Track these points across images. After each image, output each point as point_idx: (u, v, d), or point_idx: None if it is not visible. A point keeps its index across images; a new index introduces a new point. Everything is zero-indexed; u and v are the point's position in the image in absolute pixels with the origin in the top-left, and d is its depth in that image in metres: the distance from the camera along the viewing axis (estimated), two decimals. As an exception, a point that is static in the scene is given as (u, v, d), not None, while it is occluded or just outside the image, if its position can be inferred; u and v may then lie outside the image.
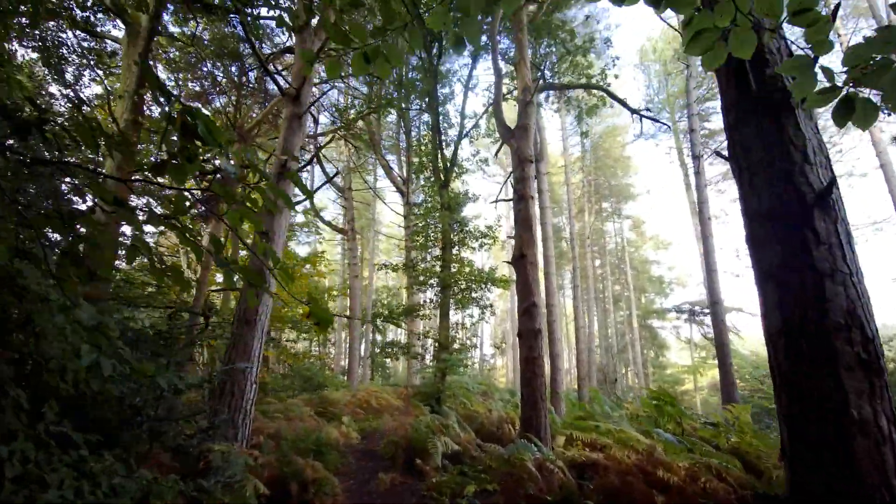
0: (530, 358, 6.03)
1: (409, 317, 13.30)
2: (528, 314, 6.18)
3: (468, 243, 12.69)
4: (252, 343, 5.83)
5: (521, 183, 6.68)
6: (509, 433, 7.81)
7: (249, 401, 5.70)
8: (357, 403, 12.65)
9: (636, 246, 31.81)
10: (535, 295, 6.26)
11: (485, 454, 5.37)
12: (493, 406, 9.44)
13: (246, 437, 5.65)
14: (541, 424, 5.77)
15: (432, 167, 13.47)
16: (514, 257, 6.53)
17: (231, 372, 5.63)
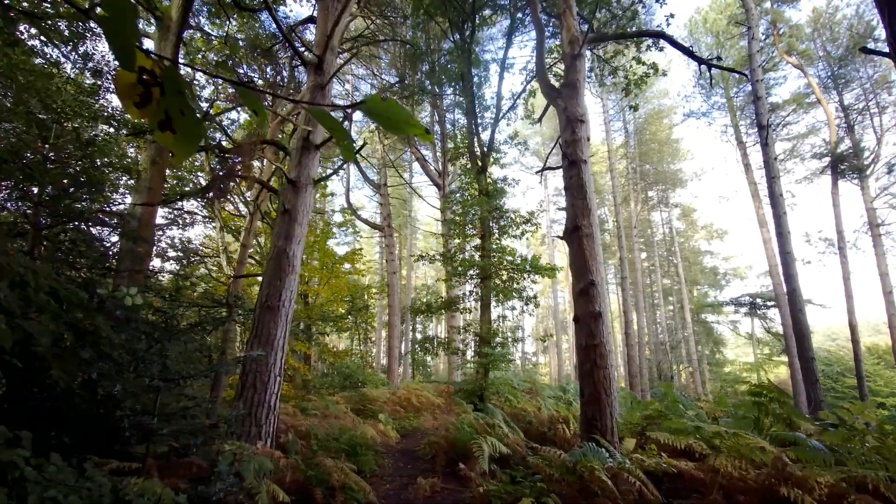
0: (590, 346, 5.04)
1: (448, 310, 12.50)
2: (586, 295, 5.20)
3: (509, 231, 11.74)
4: (275, 331, 5.18)
5: (572, 145, 5.70)
6: (564, 434, 6.81)
7: (273, 394, 5.05)
8: (397, 401, 12.02)
9: (686, 236, 29.55)
10: (594, 272, 5.27)
11: (540, 458, 4.45)
12: (542, 404, 8.46)
13: (270, 435, 5.00)
14: (607, 426, 4.77)
15: (468, 153, 12.62)
16: (567, 230, 5.56)
17: (252, 363, 5.00)
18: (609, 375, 5.01)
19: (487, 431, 6.86)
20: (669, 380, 18.87)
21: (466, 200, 11.75)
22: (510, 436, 6.11)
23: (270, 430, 4.97)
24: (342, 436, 6.87)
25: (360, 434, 7.32)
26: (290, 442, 5.40)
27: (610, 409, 4.89)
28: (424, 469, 6.89)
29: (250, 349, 5.09)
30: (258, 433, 4.82)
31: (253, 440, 4.76)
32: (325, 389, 15.97)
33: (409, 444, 9.05)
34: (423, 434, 9.72)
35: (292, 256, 5.47)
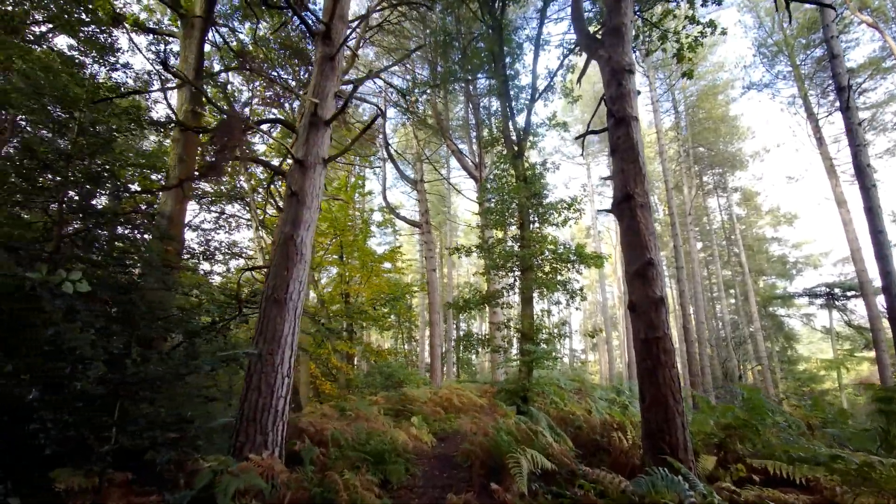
0: (651, 339, 4.02)
1: (488, 305, 11.59)
2: (643, 277, 4.17)
3: (549, 219, 10.67)
4: (281, 326, 4.55)
5: (619, 100, 4.68)
6: (620, 444, 5.73)
7: (281, 398, 4.41)
8: (438, 401, 11.30)
9: (749, 222, 26.73)
10: (652, 249, 4.23)
11: (592, 485, 3.49)
12: (593, 407, 7.39)
13: (279, 444, 4.36)
14: (677, 439, 3.73)
15: (503, 138, 11.66)
16: (616, 200, 4.55)
17: (257, 363, 4.39)
18: (676, 375, 3.96)
19: (529, 439, 5.92)
20: (738, 379, 16.87)
21: (502, 188, 10.80)
22: (555, 446, 5.14)
23: (278, 437, 4.33)
24: (370, 441, 6.18)
25: (391, 439, 6.61)
26: (305, 450, 4.76)
27: (680, 417, 3.84)
28: (461, 479, 6.06)
29: (255, 348, 4.48)
30: (264, 442, 4.19)
31: (258, 449, 4.14)
32: (368, 389, 15.55)
33: (447, 449, 8.25)
34: (462, 437, 8.90)
35: (300, 243, 4.82)
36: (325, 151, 5.24)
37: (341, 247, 18.88)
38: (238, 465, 3.23)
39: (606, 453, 6.15)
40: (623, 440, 5.83)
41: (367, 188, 22.42)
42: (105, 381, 2.52)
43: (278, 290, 4.62)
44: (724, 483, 3.39)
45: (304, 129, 5.18)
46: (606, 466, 5.26)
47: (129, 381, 2.59)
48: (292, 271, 4.71)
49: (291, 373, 4.61)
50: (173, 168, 8.83)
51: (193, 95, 8.77)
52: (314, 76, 5.43)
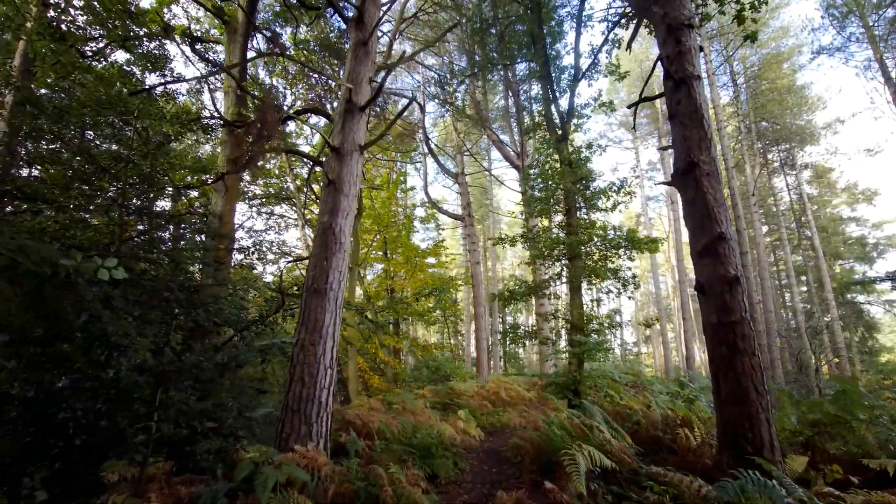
0: (725, 324, 3.52)
1: (535, 296, 11.15)
2: (714, 254, 3.67)
3: (597, 204, 10.04)
4: (322, 317, 4.44)
5: (677, 60, 4.16)
6: (687, 442, 5.20)
7: (324, 389, 4.31)
8: (485, 395, 11.04)
9: (821, 202, 24.20)
10: (722, 221, 3.72)
11: (664, 488, 3.08)
12: (652, 401, 6.82)
13: (323, 436, 4.26)
14: (762, 438, 3.24)
15: (546, 122, 11.13)
16: (678, 170, 4.05)
17: (300, 353, 4.31)
18: (758, 364, 3.44)
19: (583, 435, 5.51)
20: (816, 372, 15.32)
21: (546, 174, 10.29)
22: (614, 442, 4.71)
23: (322, 429, 4.23)
24: (416, 434, 6.01)
25: (437, 433, 6.41)
26: (351, 442, 4.64)
27: (765, 413, 3.33)
28: (511, 475, 5.75)
29: (297, 340, 4.40)
30: (308, 433, 4.09)
31: (303, 440, 4.05)
32: (415, 383, 15.54)
33: (495, 443, 7.96)
34: (510, 431, 8.58)
35: (339, 232, 4.69)
36: (361, 138, 5.08)
37: (385, 243, 19.02)
38: (280, 457, 3.13)
39: (671, 452, 5.63)
40: (691, 437, 5.29)
41: (408, 184, 22.46)
42: (143, 369, 2.46)
43: (318, 281, 4.52)
44: (822, 487, 2.87)
45: (339, 116, 5.05)
46: (672, 466, 4.78)
47: (167, 369, 2.52)
48: (331, 261, 4.60)
49: (334, 364, 4.50)
50: (223, 169, 9.12)
51: (239, 98, 8.99)
52: (348, 62, 5.29)
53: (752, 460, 3.24)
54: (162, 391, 2.51)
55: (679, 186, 4.05)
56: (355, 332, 15.45)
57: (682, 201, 4.09)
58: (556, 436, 5.09)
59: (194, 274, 7.09)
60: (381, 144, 18.71)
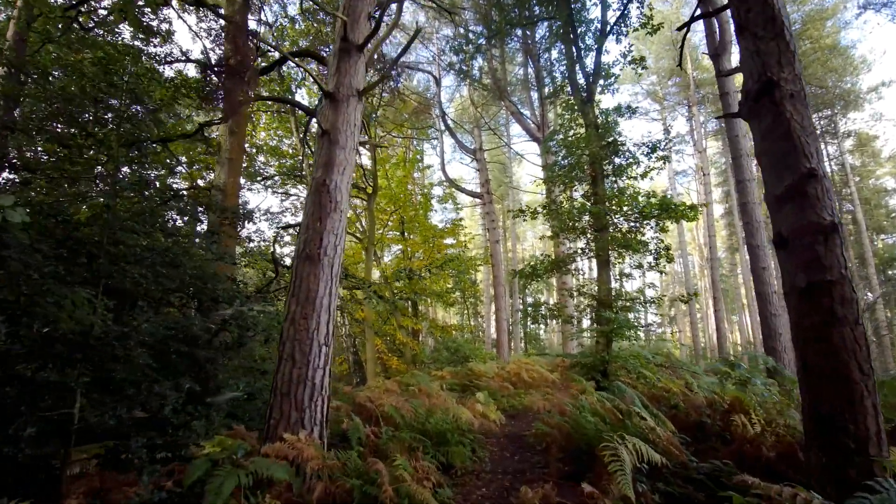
0: (818, 284, 2.67)
1: (558, 272, 10.31)
2: (801, 196, 2.80)
3: (628, 171, 9.05)
4: (316, 286, 3.77)
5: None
6: (743, 431, 4.39)
7: (319, 369, 3.66)
8: (505, 377, 10.38)
9: (864, 173, 22.22)
10: (812, 155, 2.84)
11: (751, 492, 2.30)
12: (694, 383, 5.99)
13: (318, 422, 3.63)
14: (866, 428, 2.44)
15: (570, 85, 10.10)
16: (750, 94, 3.16)
17: (291, 328, 3.67)
18: (862, 335, 2.61)
19: (618, 421, 4.75)
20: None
21: (569, 139, 9.32)
22: (659, 431, 3.93)
23: (317, 415, 3.59)
24: (429, 419, 5.38)
25: (454, 417, 5.76)
26: (352, 430, 4.01)
27: (871, 397, 2.51)
28: (535, 464, 5.06)
29: (288, 311, 3.76)
30: (300, 419, 3.47)
31: (293, 428, 3.44)
32: (434, 364, 15.02)
33: (517, 427, 7.28)
34: (533, 415, 7.89)
35: (334, 189, 3.99)
36: (359, 82, 4.32)
37: (402, 223, 18.37)
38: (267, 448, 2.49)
39: (721, 441, 4.82)
40: (747, 425, 4.47)
41: (425, 163, 21.62)
42: (64, 340, 1.84)
43: (310, 245, 3.84)
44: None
45: (333, 56, 4.30)
46: (728, 459, 4.00)
47: (92, 343, 1.91)
48: (326, 222, 3.90)
49: (330, 340, 3.84)
50: (224, 140, 8.52)
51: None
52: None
53: (851, 457, 2.45)
54: (83, 370, 1.89)
55: (751, 115, 3.16)
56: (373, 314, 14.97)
57: (754, 135, 3.20)
58: (588, 422, 4.36)
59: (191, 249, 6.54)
60: (396, 121, 17.93)
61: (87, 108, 6.02)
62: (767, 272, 10.30)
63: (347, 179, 4.13)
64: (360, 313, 14.69)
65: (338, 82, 4.18)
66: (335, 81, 4.19)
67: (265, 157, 14.59)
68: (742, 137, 10.68)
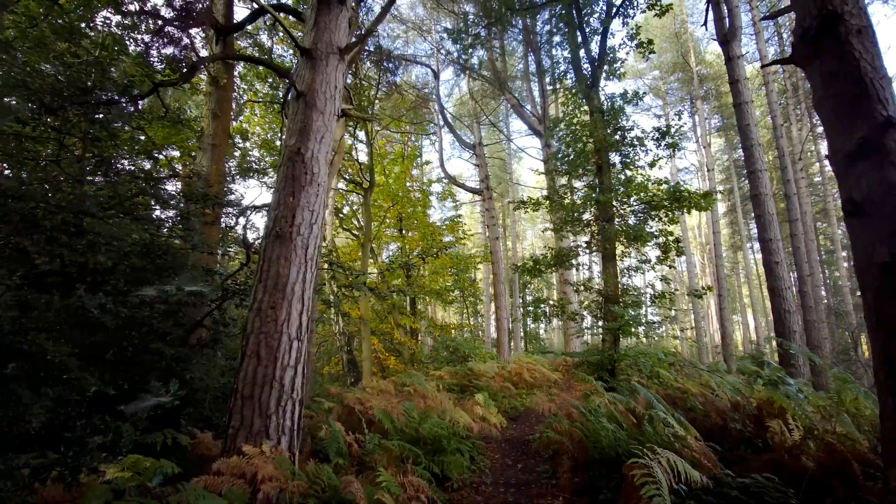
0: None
1: (560, 267, 9.72)
2: (879, 151, 2.22)
3: (634, 160, 8.47)
4: (287, 271, 3.18)
5: None
6: (781, 437, 3.78)
7: (288, 367, 3.07)
8: (506, 377, 9.82)
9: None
10: (887, 101, 2.26)
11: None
12: (712, 381, 5.40)
13: (289, 430, 3.03)
14: None
15: (573, 69, 9.53)
16: (808, 32, 2.58)
17: (256, 319, 3.08)
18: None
19: (633, 425, 4.16)
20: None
21: (573, 126, 8.73)
22: (689, 440, 3.34)
23: (286, 422, 2.99)
24: (423, 423, 4.78)
25: (451, 420, 5.18)
26: (330, 439, 3.42)
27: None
28: (542, 476, 4.46)
29: (253, 301, 3.16)
30: (264, 427, 2.88)
31: (257, 438, 2.84)
32: (433, 364, 14.45)
33: (520, 431, 6.70)
34: (536, 417, 7.32)
35: (311, 160, 3.40)
36: (341, 38, 3.74)
37: (401, 219, 17.79)
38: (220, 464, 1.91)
39: (750, 448, 4.22)
40: (785, 431, 3.86)
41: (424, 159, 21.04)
42: None
43: (282, 223, 3.25)
44: None
45: (311, 9, 3.71)
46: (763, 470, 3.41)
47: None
48: (300, 196, 3.32)
49: (304, 335, 3.25)
50: (207, 125, 7.93)
51: (225, 44, 7.74)
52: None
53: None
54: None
55: (808, 58, 2.57)
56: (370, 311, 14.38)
57: (812, 82, 2.61)
58: (604, 429, 3.77)
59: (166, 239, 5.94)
60: (393, 114, 17.36)
61: (48, 79, 5.44)
62: (781, 267, 9.68)
63: (326, 149, 3.54)
64: (355, 311, 14.11)
65: (316, 38, 3.59)
66: (313, 37, 3.60)
67: (259, 151, 14.00)
68: (753, 126, 10.10)
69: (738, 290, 28.86)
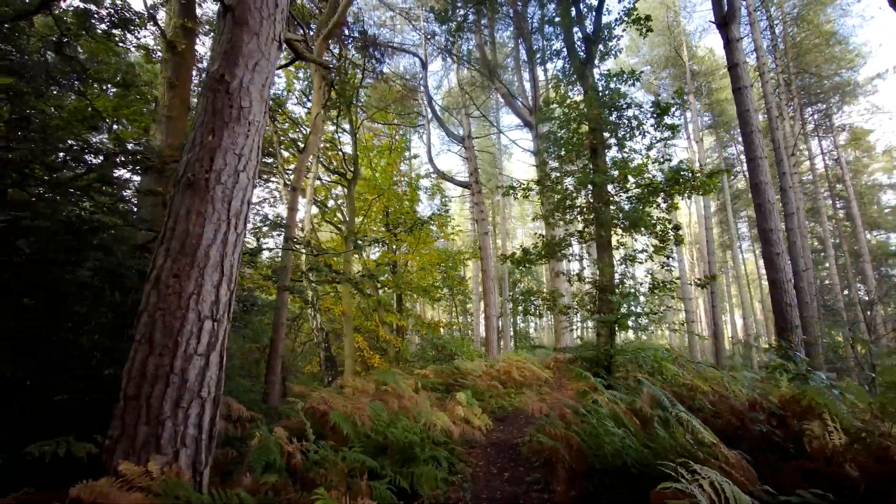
0: None
1: (552, 258, 8.99)
2: None
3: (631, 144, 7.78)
4: (200, 230, 2.37)
5: None
6: (821, 442, 3.06)
7: (196, 358, 2.25)
8: (494, 375, 9.11)
9: (857, 168, 21.32)
10: None
11: None
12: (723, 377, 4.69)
13: (194, 441, 2.21)
14: None
15: (566, 48, 8.83)
16: None
17: (153, 294, 2.27)
18: None
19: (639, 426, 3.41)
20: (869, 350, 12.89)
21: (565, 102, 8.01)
22: (723, 449, 2.59)
23: (189, 429, 2.18)
24: (392, 427, 3.98)
25: (426, 423, 4.39)
26: (259, 450, 2.61)
27: None
28: (532, 486, 3.67)
29: (152, 269, 2.35)
30: (154, 438, 2.06)
31: (142, 452, 2.03)
32: (419, 362, 13.66)
33: (507, 433, 5.93)
34: (526, 418, 6.57)
35: (238, 89, 2.60)
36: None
37: (387, 214, 16.98)
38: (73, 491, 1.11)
39: (779, 454, 3.50)
40: (825, 435, 3.14)
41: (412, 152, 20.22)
42: None
43: (195, 167, 2.45)
44: None
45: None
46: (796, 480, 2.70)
47: None
48: (223, 135, 2.51)
49: (225, 315, 2.44)
50: (163, 95, 7.05)
51: (183, 6, 6.88)
52: None
53: None
54: None
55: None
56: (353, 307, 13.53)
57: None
58: (608, 433, 3.01)
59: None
60: (380, 105, 16.56)
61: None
62: (782, 258, 9.03)
63: (262, 82, 2.74)
64: (338, 307, 13.26)
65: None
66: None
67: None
68: (753, 112, 9.48)
69: (728, 289, 28.47)
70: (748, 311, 26.36)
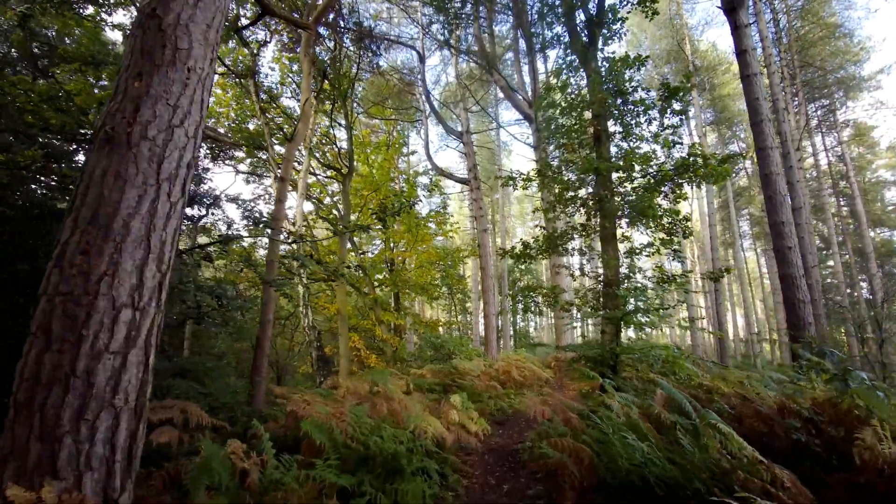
0: None
1: (553, 253, 8.48)
2: None
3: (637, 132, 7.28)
4: (120, 195, 1.87)
5: None
6: (872, 452, 2.54)
7: (107, 356, 1.75)
8: (493, 375, 8.61)
9: (860, 164, 20.78)
10: None
11: None
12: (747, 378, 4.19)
13: (105, 462, 1.70)
14: None
15: (567, 31, 8.33)
16: None
17: (58, 272, 1.77)
18: None
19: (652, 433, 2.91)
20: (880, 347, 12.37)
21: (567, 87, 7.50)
22: (776, 471, 2.08)
23: (97, 447, 1.68)
24: (375, 435, 3.48)
25: (415, 430, 3.88)
26: (195, 475, 2.10)
27: None
28: (535, 500, 3.20)
29: (57, 245, 1.86)
30: (49, 457, 1.56)
31: (35, 475, 1.54)
32: (416, 362, 13.16)
33: (506, 438, 5.41)
34: (527, 421, 6.06)
35: (173, 27, 2.11)
36: None
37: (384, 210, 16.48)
38: None
39: (819, 464, 2.99)
40: (875, 446, 2.63)
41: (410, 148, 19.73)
42: None
43: (116, 119, 1.95)
44: None
45: None
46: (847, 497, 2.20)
47: None
48: (153, 81, 2.02)
49: (153, 304, 1.93)
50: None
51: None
52: None
53: None
54: None
55: None
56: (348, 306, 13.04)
57: None
58: (625, 445, 2.51)
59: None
60: (376, 100, 16.07)
61: None
62: (794, 252, 8.49)
63: (206, 21, 2.25)
64: (333, 306, 12.76)
65: None
66: None
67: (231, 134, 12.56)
68: (762, 100, 8.96)
69: (729, 288, 27.94)
70: (750, 309, 25.83)
